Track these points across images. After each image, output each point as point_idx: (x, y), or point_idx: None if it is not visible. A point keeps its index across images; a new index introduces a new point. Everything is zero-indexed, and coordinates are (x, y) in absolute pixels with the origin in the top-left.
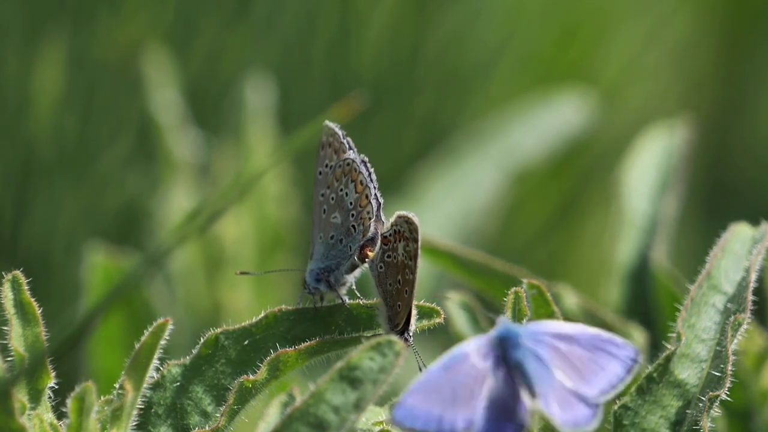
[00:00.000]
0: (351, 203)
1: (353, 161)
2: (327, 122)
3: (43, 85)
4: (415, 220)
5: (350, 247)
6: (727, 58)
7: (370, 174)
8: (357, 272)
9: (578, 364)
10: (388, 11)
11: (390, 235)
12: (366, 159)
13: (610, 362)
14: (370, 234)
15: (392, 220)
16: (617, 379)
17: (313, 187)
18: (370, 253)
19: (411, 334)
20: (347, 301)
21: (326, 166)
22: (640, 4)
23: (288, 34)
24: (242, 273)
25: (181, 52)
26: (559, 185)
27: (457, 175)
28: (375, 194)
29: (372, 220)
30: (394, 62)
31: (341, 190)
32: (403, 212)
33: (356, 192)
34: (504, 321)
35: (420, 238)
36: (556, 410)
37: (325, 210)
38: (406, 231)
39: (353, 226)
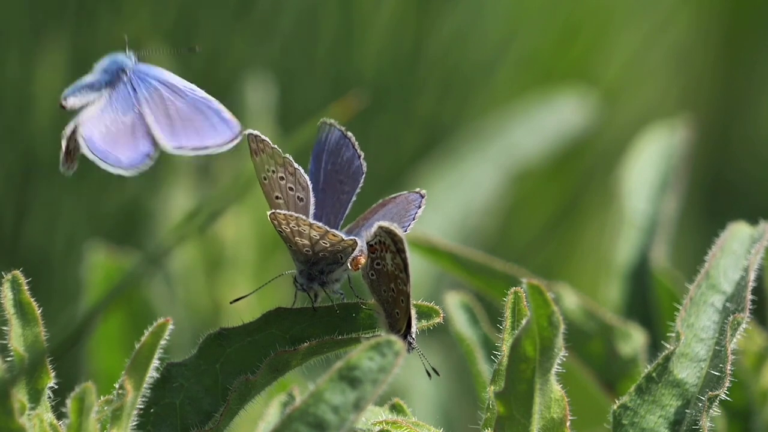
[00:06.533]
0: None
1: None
2: (249, 130)
3: (44, 85)
4: (398, 231)
5: (341, 256)
6: (727, 58)
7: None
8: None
9: (173, 114)
10: (389, 11)
11: (375, 243)
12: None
13: (207, 129)
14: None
15: (373, 230)
16: (205, 146)
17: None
18: (362, 260)
19: (414, 337)
20: (344, 300)
21: (267, 170)
22: (640, 5)
23: (288, 33)
24: (235, 301)
25: (182, 52)
26: (559, 185)
27: (458, 175)
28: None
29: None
30: (396, 62)
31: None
32: (384, 223)
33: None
34: (119, 56)
35: (407, 248)
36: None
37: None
38: (390, 243)
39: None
